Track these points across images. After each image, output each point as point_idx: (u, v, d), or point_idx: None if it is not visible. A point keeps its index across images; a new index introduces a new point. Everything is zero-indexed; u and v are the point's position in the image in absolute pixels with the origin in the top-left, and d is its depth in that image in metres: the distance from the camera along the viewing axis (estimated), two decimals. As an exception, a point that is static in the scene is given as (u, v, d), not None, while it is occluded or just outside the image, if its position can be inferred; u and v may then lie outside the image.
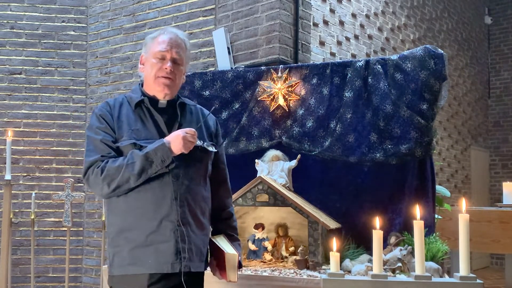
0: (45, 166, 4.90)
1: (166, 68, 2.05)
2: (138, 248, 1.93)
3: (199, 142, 2.01)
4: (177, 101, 2.12)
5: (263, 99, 3.43)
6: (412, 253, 2.51)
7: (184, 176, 2.00)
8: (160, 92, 2.07)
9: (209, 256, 2.15)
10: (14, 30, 4.96)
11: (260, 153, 3.29)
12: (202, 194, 2.07)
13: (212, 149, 2.07)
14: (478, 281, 2.14)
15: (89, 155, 1.99)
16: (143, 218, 1.94)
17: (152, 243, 1.93)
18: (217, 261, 2.11)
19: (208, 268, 2.16)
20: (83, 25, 5.06)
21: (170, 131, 2.02)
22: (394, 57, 3.14)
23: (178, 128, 2.04)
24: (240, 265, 2.14)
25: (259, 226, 3.08)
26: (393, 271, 2.53)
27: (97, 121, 2.04)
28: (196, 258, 2.00)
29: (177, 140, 1.93)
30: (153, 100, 2.08)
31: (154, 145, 1.94)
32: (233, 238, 2.22)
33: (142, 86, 2.14)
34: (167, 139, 1.95)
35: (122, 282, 1.96)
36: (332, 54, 4.94)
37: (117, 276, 1.97)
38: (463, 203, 2.18)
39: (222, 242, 2.13)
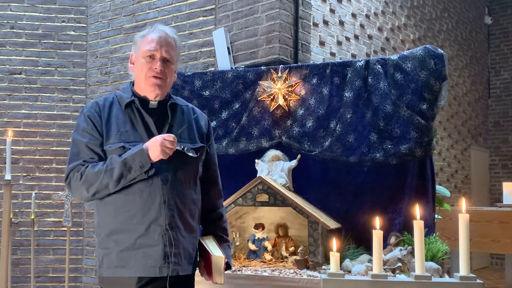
0: (45, 166, 4.90)
1: (156, 68, 2.00)
2: (127, 251, 1.93)
3: (179, 147, 1.95)
4: (168, 101, 2.08)
5: (263, 99, 3.43)
6: (412, 253, 2.51)
7: (173, 180, 1.97)
8: (151, 92, 2.03)
9: (197, 257, 2.14)
10: (14, 30, 4.95)
11: (260, 153, 3.29)
12: (191, 196, 2.05)
13: (192, 154, 2.00)
14: (478, 281, 2.14)
15: (72, 160, 1.98)
16: (132, 222, 1.93)
17: (140, 247, 1.92)
18: (205, 262, 2.10)
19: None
20: (83, 25, 5.06)
21: (160, 132, 1.98)
22: (394, 57, 3.14)
23: (169, 129, 2.01)
24: (228, 267, 2.13)
25: (259, 226, 3.08)
26: (393, 271, 2.53)
27: (85, 122, 2.01)
28: (185, 262, 1.99)
29: (155, 147, 1.88)
30: (144, 101, 2.04)
31: (133, 150, 1.90)
32: (222, 240, 2.19)
33: (133, 85, 2.10)
34: (146, 144, 1.91)
35: (111, 283, 1.96)
36: (332, 54, 4.94)
37: (106, 277, 1.98)
38: (463, 203, 2.18)
39: (210, 244, 2.11)
